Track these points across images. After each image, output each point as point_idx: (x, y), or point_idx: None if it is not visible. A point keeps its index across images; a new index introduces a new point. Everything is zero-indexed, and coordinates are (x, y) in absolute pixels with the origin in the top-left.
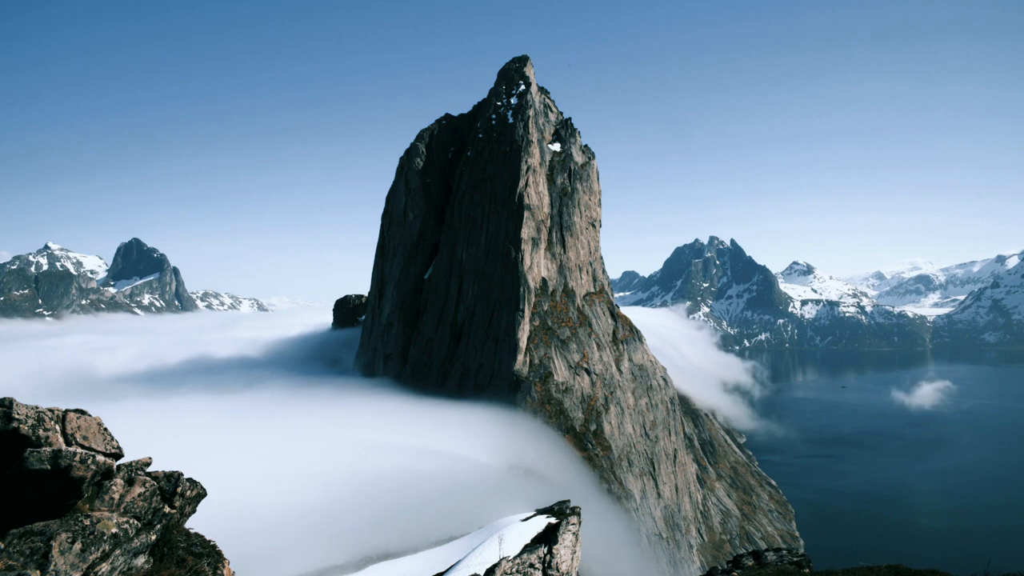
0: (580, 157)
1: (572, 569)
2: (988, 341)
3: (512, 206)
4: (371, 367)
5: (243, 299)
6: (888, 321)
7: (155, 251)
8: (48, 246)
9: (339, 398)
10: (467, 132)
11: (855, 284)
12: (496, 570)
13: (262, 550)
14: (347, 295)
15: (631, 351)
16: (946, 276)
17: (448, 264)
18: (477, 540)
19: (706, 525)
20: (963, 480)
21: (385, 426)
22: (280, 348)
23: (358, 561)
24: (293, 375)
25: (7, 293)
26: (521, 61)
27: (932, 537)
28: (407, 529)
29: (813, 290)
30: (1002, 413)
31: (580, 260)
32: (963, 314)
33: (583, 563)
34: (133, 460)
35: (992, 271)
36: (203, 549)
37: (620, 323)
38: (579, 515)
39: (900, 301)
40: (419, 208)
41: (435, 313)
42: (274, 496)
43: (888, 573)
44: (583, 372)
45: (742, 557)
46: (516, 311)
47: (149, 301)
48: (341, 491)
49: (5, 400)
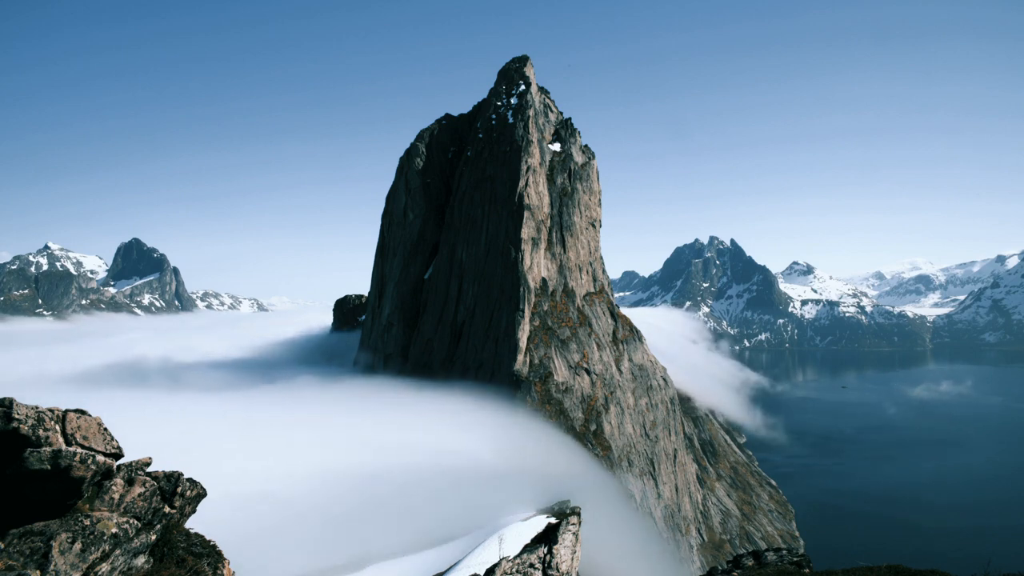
0: (580, 157)
1: (572, 569)
2: (988, 341)
3: (512, 206)
4: (371, 367)
5: (243, 299)
6: (888, 321)
7: (155, 251)
8: (48, 246)
9: (338, 394)
10: (467, 132)
11: (855, 284)
12: (496, 570)
13: (262, 550)
14: (347, 295)
15: (631, 351)
16: (946, 276)
17: (448, 264)
18: (477, 540)
19: (706, 525)
20: (963, 480)
21: (385, 423)
22: (280, 348)
23: (358, 561)
24: (293, 374)
25: (7, 293)
26: (521, 61)
27: (932, 537)
28: (407, 529)
29: (813, 290)
30: (1002, 413)
31: (580, 260)
32: (963, 314)
33: (583, 563)
34: (133, 460)
35: (992, 271)
36: (203, 549)
37: (620, 323)
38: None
39: (900, 301)
40: (419, 208)
41: (435, 313)
42: (274, 495)
43: (888, 573)
44: (583, 372)
45: (742, 557)
46: (516, 311)
47: (149, 301)
48: (341, 491)
49: (5, 400)
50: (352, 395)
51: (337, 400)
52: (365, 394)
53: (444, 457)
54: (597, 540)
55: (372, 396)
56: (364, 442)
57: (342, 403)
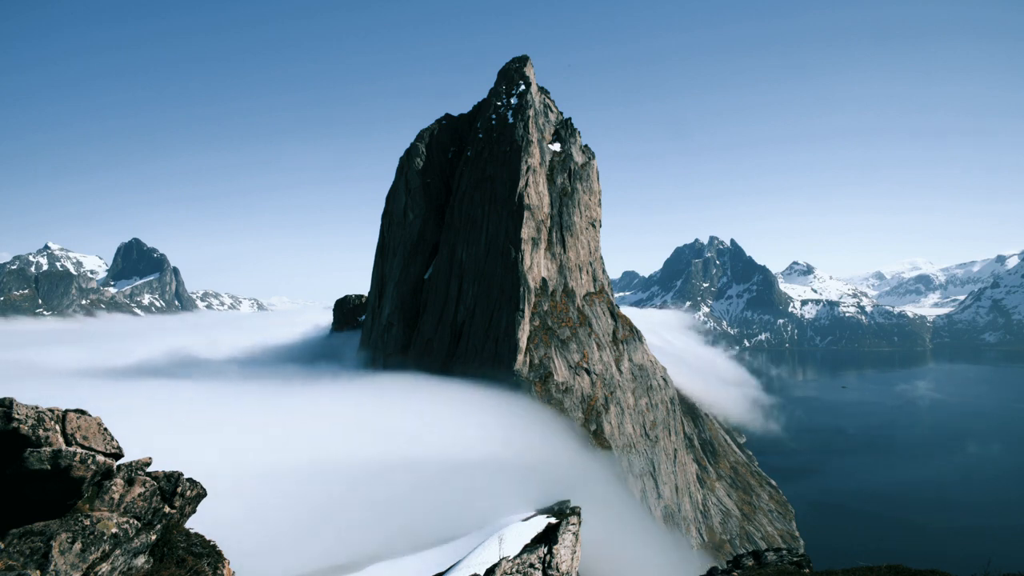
0: (580, 157)
1: (572, 569)
2: (988, 341)
3: (512, 206)
4: (371, 364)
5: (243, 299)
6: (888, 321)
7: (155, 251)
8: (48, 246)
9: (337, 389)
10: (467, 132)
11: (855, 284)
12: (496, 570)
13: (262, 550)
14: (347, 295)
15: (631, 351)
16: (946, 276)
17: (448, 264)
18: (477, 540)
19: (706, 525)
20: (963, 480)
21: (385, 419)
22: (280, 348)
23: (358, 561)
24: (292, 372)
25: (7, 293)
26: (521, 61)
27: (932, 537)
28: (407, 529)
29: (813, 290)
30: (1002, 413)
31: (580, 260)
32: (963, 314)
33: (584, 563)
34: (133, 460)
35: (992, 271)
36: (203, 549)
37: (620, 323)
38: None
39: (900, 301)
40: (419, 208)
41: (435, 313)
42: (274, 495)
43: (888, 573)
44: (583, 372)
45: (742, 557)
46: (516, 311)
47: (149, 301)
48: (341, 490)
49: (5, 400)
50: (350, 386)
51: (334, 392)
52: (364, 385)
53: (444, 457)
54: (597, 540)
55: (371, 394)
56: (363, 439)
57: (340, 396)
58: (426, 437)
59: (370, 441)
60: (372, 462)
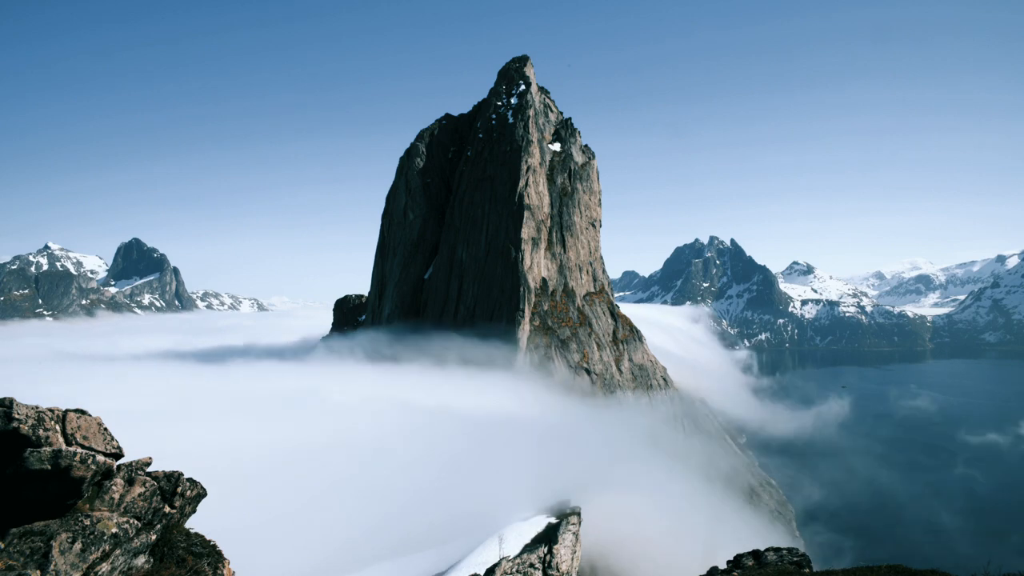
0: (580, 157)
1: (572, 569)
2: (988, 341)
3: (512, 206)
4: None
5: (243, 299)
6: (888, 321)
7: (155, 251)
8: (48, 246)
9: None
10: (467, 132)
11: (855, 284)
12: (496, 570)
13: (262, 549)
14: (347, 295)
15: (631, 351)
16: (946, 276)
17: (448, 264)
18: (477, 540)
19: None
20: (963, 480)
21: (385, 419)
22: (280, 347)
23: (358, 561)
24: (291, 370)
25: (7, 293)
26: (521, 61)
27: (932, 537)
28: (408, 528)
29: (813, 290)
30: (1002, 413)
31: (580, 260)
32: (963, 314)
33: (584, 562)
34: (133, 460)
35: (992, 271)
36: (203, 549)
37: (620, 323)
38: (579, 515)
39: (900, 301)
40: (419, 208)
41: (435, 313)
42: (274, 494)
43: (888, 573)
44: (583, 372)
45: (742, 557)
46: (516, 311)
47: (149, 301)
48: (341, 489)
49: (5, 400)
50: (349, 381)
51: (333, 387)
52: (363, 389)
53: (444, 456)
54: (597, 539)
55: (371, 393)
56: (364, 439)
57: (339, 391)
58: (426, 436)
59: (370, 441)
60: (372, 464)
